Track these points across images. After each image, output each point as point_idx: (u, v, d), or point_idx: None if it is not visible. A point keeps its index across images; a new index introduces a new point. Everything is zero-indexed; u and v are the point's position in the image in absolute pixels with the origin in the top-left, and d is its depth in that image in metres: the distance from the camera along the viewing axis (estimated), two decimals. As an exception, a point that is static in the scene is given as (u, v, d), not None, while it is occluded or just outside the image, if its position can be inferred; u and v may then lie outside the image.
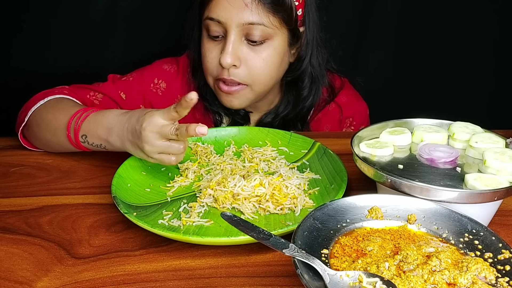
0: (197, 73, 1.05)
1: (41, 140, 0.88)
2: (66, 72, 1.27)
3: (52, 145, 0.87)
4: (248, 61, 0.94)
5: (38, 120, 0.87)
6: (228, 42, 0.92)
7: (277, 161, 0.85)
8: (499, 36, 1.40)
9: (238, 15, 0.90)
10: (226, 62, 0.91)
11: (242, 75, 0.95)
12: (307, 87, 1.05)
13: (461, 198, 0.57)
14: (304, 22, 0.99)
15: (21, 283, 0.57)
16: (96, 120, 0.79)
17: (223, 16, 0.90)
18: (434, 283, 0.45)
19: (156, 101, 1.06)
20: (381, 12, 1.37)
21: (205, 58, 0.97)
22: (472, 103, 1.46)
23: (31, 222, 0.69)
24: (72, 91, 0.96)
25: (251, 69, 0.95)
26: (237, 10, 0.90)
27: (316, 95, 1.07)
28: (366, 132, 0.74)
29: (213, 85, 1.00)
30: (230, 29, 0.91)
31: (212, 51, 0.95)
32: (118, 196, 0.69)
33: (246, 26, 0.90)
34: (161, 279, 0.58)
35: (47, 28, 1.27)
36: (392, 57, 1.43)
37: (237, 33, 0.91)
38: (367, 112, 1.15)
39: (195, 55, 1.04)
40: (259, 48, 0.94)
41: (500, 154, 0.64)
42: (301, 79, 1.04)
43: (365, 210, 0.55)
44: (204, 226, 0.66)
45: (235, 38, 0.92)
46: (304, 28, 1.00)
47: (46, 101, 0.90)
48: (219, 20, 0.91)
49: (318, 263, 0.45)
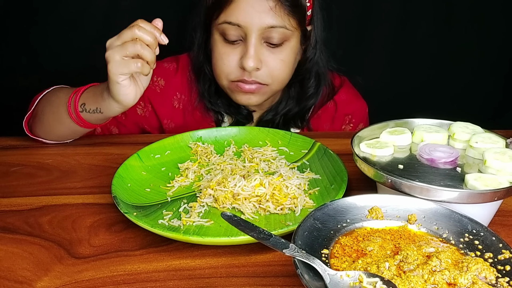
0: (200, 76, 1.06)
1: (43, 123, 0.91)
2: (67, 71, 1.27)
3: (53, 127, 0.91)
4: (268, 62, 0.95)
5: (43, 104, 0.92)
6: (250, 46, 0.92)
7: (277, 161, 0.85)
8: (499, 36, 1.41)
9: (260, 19, 0.90)
10: (250, 66, 0.92)
11: (263, 76, 0.96)
12: (313, 85, 1.06)
13: (461, 198, 0.57)
14: (311, 22, 1.01)
15: (21, 283, 0.57)
16: (93, 89, 0.86)
17: (244, 20, 0.90)
18: (434, 283, 0.45)
19: (154, 97, 1.07)
20: (380, 12, 1.38)
21: (221, 61, 0.96)
22: (472, 103, 1.46)
23: (31, 221, 0.69)
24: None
25: (272, 71, 0.96)
26: (259, 14, 0.89)
27: (319, 93, 1.08)
28: (366, 132, 0.74)
29: (227, 86, 1.00)
30: (251, 33, 0.91)
31: (230, 54, 0.95)
32: (118, 196, 0.69)
33: (267, 30, 0.91)
34: (161, 279, 0.58)
35: (48, 27, 1.27)
36: (392, 57, 1.44)
37: (258, 36, 0.92)
38: (366, 110, 1.16)
39: (199, 58, 1.04)
40: (277, 49, 0.95)
41: (500, 154, 0.64)
42: (307, 77, 1.06)
43: (365, 210, 0.55)
44: (204, 226, 0.66)
45: (256, 41, 0.92)
46: (311, 27, 1.02)
47: (52, 89, 0.95)
48: (239, 24, 0.91)
49: (318, 263, 0.45)
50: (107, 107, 0.83)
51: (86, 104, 0.85)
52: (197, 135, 0.92)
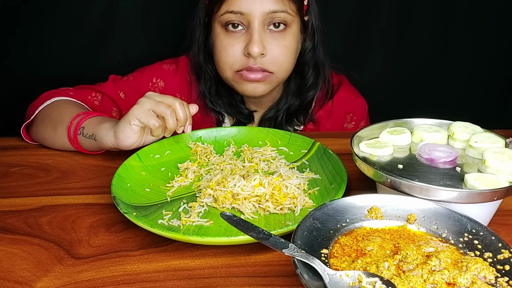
0: (201, 76, 1.06)
1: (41, 134, 0.93)
2: (66, 73, 1.27)
3: (48, 138, 0.92)
4: (272, 49, 0.96)
5: (43, 116, 0.93)
6: (254, 32, 0.93)
7: (277, 161, 0.85)
8: (499, 36, 1.41)
9: (262, 5, 0.92)
10: (255, 51, 0.93)
11: (268, 62, 0.96)
12: (312, 75, 1.07)
13: (460, 198, 0.57)
14: (308, 12, 1.03)
15: (21, 283, 0.57)
16: (99, 119, 0.88)
17: (246, 7, 0.92)
18: (434, 283, 0.45)
19: None
20: (379, 12, 1.38)
21: (225, 52, 0.97)
22: (472, 103, 1.46)
23: (31, 222, 0.69)
24: (76, 93, 1.00)
25: (276, 57, 0.97)
26: (261, 0, 0.91)
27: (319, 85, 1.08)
28: (366, 132, 0.74)
29: (232, 78, 1.00)
30: (253, 19, 0.92)
31: (233, 44, 0.96)
32: (117, 196, 0.69)
33: (269, 15, 0.92)
34: (161, 279, 0.58)
35: (47, 28, 1.27)
36: (391, 57, 1.44)
37: (261, 22, 0.93)
38: (366, 107, 1.17)
39: (199, 57, 1.04)
40: (280, 36, 0.96)
41: (500, 154, 0.64)
42: (306, 68, 1.06)
43: (365, 210, 0.55)
44: (204, 226, 0.66)
45: (259, 27, 0.93)
46: (308, 17, 1.03)
47: (53, 101, 0.95)
48: (242, 12, 0.92)
49: (318, 263, 0.45)
50: (103, 137, 0.83)
51: (85, 128, 0.87)
52: (197, 135, 0.92)
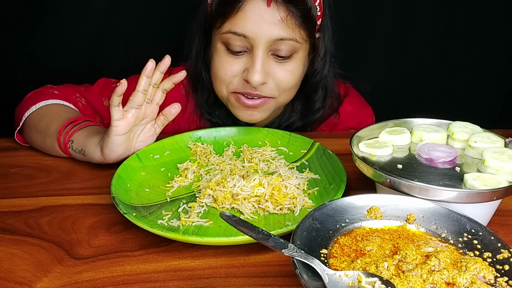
0: (198, 86, 1.00)
1: (33, 142, 0.92)
2: (67, 71, 1.27)
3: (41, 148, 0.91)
4: (275, 75, 0.89)
5: (31, 126, 0.92)
6: (257, 59, 0.85)
7: (277, 161, 0.85)
8: (498, 36, 1.41)
9: (269, 31, 0.83)
10: (256, 81, 0.85)
11: (269, 89, 0.90)
12: (320, 98, 1.01)
13: (460, 198, 0.57)
14: (320, 30, 0.95)
15: (21, 284, 0.57)
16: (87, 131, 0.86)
17: (251, 31, 0.83)
18: (433, 282, 0.45)
19: None
20: (380, 13, 1.38)
21: (222, 70, 0.89)
22: (471, 102, 1.46)
23: (31, 222, 0.69)
24: (61, 92, 0.97)
25: (279, 83, 0.90)
26: (268, 25, 0.83)
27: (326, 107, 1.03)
28: (365, 132, 0.74)
29: (227, 97, 0.93)
30: (258, 45, 0.84)
31: (233, 64, 0.88)
32: (117, 196, 0.69)
33: (275, 42, 0.84)
34: (160, 279, 0.58)
35: (48, 28, 1.27)
36: (392, 57, 1.44)
37: (265, 49, 0.85)
38: (373, 118, 1.11)
39: (197, 66, 0.98)
40: (285, 60, 0.88)
41: (499, 154, 0.64)
42: (314, 91, 1.00)
43: (364, 210, 0.55)
44: (204, 226, 0.66)
45: (263, 54, 0.85)
46: (320, 35, 0.96)
47: (39, 107, 0.92)
48: (246, 35, 0.84)
49: (317, 263, 0.45)
50: (91, 152, 0.82)
51: (74, 143, 0.84)
52: (197, 136, 0.92)
